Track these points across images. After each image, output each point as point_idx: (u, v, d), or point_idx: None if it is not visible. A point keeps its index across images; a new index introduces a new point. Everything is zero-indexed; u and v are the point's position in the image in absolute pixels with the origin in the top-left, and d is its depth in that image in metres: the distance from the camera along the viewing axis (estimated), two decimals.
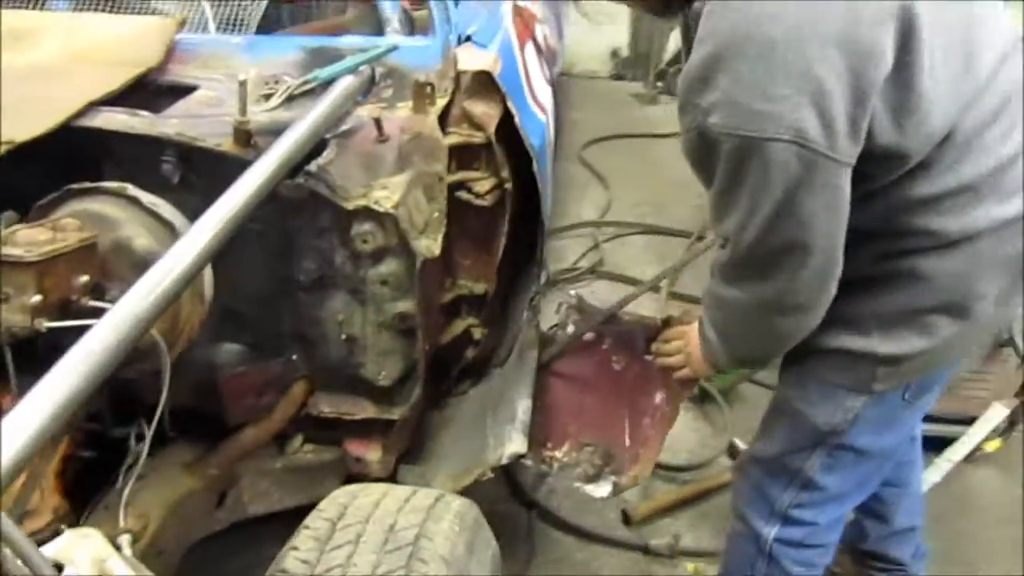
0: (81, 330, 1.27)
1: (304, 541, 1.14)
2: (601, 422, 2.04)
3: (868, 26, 1.10)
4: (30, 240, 1.24)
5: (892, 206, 1.26)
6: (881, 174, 1.22)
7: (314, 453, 1.95)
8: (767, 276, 1.29)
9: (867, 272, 1.31)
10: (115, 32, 1.86)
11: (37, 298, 1.20)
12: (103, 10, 2.06)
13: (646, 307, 3.53)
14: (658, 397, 2.07)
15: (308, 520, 1.21)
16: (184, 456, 1.81)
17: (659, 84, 6.15)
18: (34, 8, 2.13)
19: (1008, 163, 1.25)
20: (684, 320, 2.14)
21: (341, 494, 1.28)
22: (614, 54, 6.54)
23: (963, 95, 1.20)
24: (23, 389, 1.53)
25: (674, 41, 6.04)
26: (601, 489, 1.91)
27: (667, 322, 2.14)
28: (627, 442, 1.99)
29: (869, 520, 1.92)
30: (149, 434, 1.49)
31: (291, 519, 1.41)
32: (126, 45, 1.81)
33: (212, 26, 2.11)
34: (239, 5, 2.11)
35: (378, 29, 2.60)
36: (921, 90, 1.15)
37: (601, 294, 3.60)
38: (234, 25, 2.01)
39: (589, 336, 2.12)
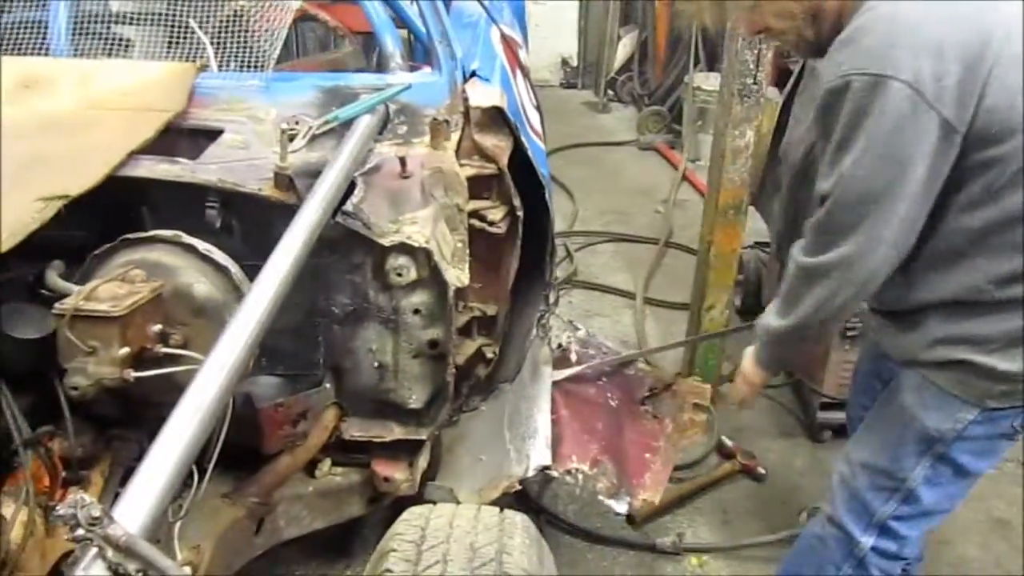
0: (162, 377, 1.35)
1: (396, 563, 1.23)
2: (609, 446, 2.18)
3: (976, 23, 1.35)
4: (111, 295, 1.31)
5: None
6: (1006, 163, 1.37)
7: (343, 476, 2.03)
8: (853, 230, 1.43)
9: (996, 295, 1.45)
10: (135, 78, 1.90)
11: (125, 350, 1.27)
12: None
13: (623, 315, 3.69)
14: (657, 438, 2.24)
15: (390, 543, 1.30)
16: (222, 487, 1.88)
17: (609, 92, 6.32)
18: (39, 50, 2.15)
19: None
20: (696, 388, 2.32)
21: (413, 516, 1.38)
22: (564, 63, 6.70)
23: None
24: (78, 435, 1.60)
25: (622, 50, 6.22)
26: (620, 505, 2.04)
27: (677, 380, 2.33)
28: (633, 471, 2.14)
29: None
30: (208, 470, 1.56)
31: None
32: (149, 91, 1.86)
33: (214, 64, 2.16)
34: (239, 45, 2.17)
35: (369, 63, 2.69)
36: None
37: (578, 303, 3.75)
38: (247, 65, 2.06)
39: (588, 371, 2.29)
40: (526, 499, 2.57)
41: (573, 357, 2.37)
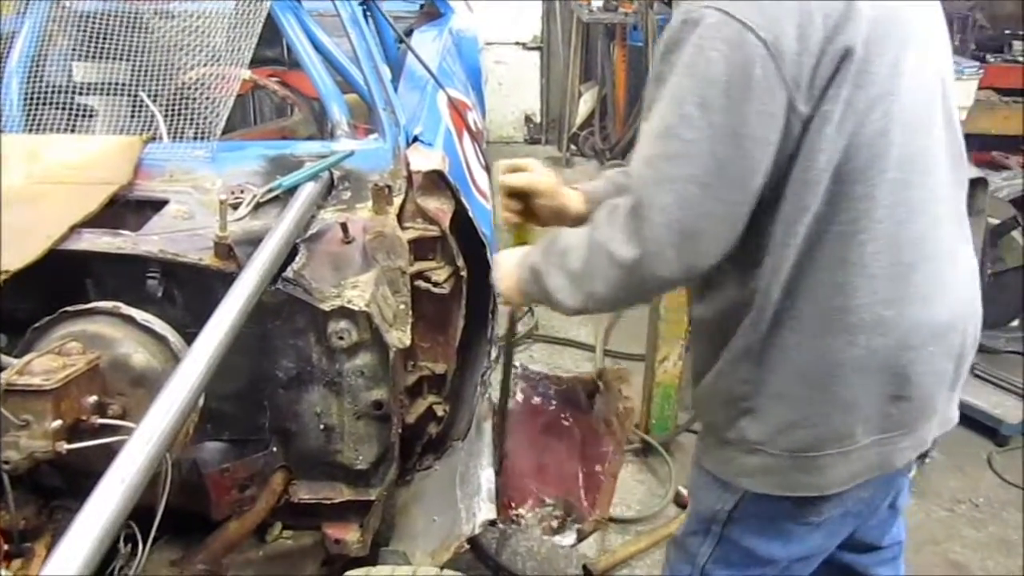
0: (100, 447, 1.37)
1: None
2: (558, 477, 2.22)
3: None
4: (45, 368, 1.33)
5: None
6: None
7: (293, 539, 2.04)
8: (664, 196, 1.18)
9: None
10: (82, 152, 1.94)
11: (57, 423, 1.29)
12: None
13: (583, 367, 3.73)
14: (606, 445, 2.28)
15: None
16: (170, 554, 1.88)
17: (572, 147, 6.44)
18: None
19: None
20: (618, 372, 2.37)
21: None
22: (528, 120, 6.82)
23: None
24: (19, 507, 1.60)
25: (584, 106, 6.36)
26: (567, 538, 2.07)
27: (601, 375, 2.37)
28: (584, 491, 2.17)
29: None
30: (149, 538, 1.56)
31: None
32: (95, 165, 1.90)
33: (165, 134, 2.20)
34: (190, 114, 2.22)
35: (320, 129, 2.75)
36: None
37: (540, 357, 3.79)
38: (198, 135, 2.10)
39: (538, 400, 2.31)
40: (484, 556, 2.57)
41: (520, 397, 2.41)
